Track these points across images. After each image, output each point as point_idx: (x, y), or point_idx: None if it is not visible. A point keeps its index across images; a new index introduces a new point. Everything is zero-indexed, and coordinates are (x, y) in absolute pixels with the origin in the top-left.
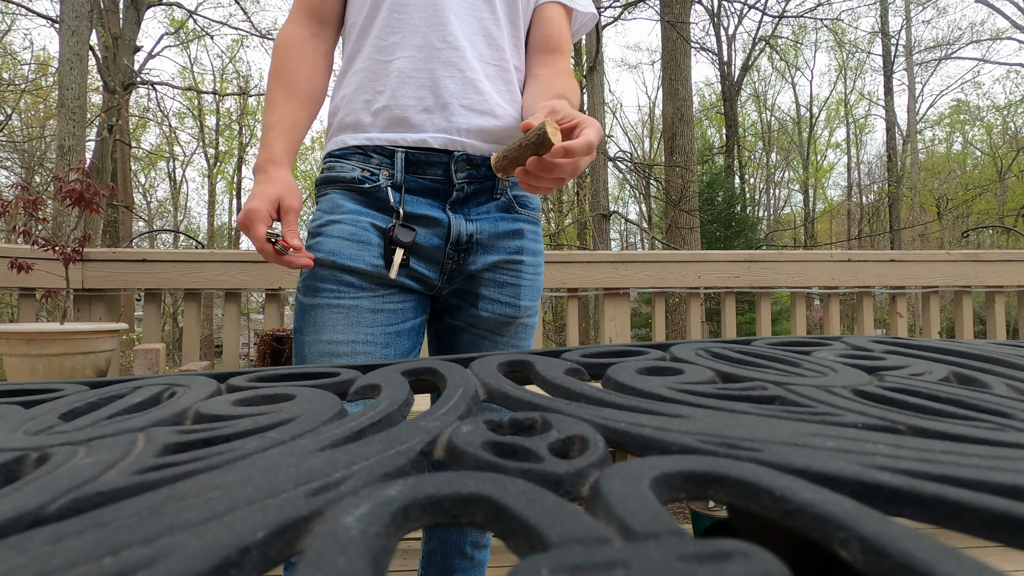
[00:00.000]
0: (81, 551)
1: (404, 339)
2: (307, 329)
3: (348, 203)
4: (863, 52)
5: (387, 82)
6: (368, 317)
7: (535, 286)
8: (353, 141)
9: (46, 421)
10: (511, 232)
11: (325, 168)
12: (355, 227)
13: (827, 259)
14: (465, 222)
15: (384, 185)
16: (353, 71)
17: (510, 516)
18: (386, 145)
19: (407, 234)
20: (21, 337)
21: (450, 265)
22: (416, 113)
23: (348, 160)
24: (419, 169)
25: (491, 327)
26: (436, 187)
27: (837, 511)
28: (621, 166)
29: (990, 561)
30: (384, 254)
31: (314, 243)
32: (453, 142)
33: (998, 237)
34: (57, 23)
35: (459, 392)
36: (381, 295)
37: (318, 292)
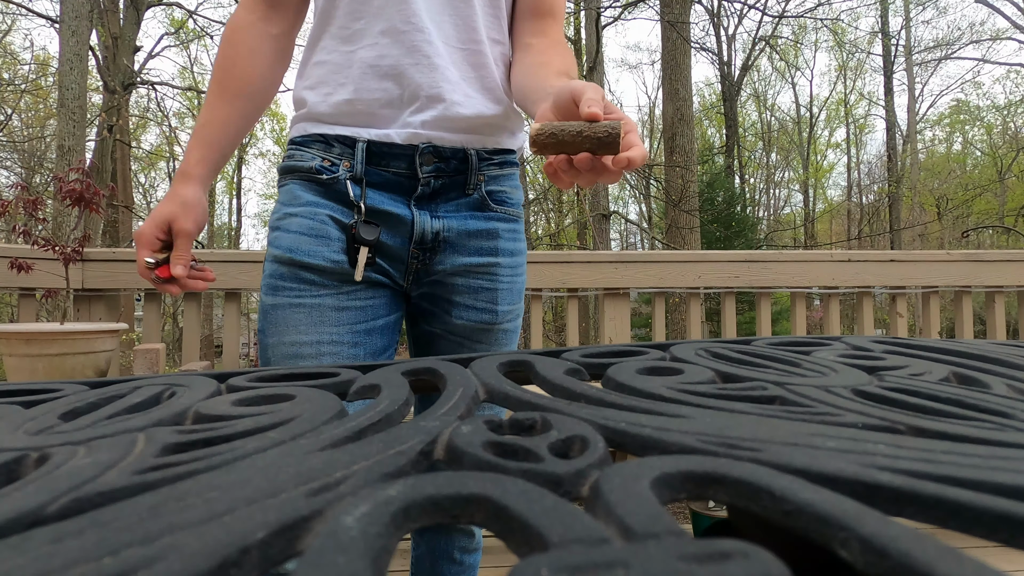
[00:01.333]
0: (81, 551)
1: (375, 337)
2: (270, 330)
3: (306, 194)
4: (863, 52)
5: (350, 74)
6: (332, 316)
7: (514, 289)
8: (314, 129)
9: (46, 421)
10: (483, 232)
11: (286, 156)
12: (312, 220)
13: (827, 259)
14: (431, 219)
15: (343, 177)
16: (315, 62)
17: (510, 516)
18: (348, 135)
19: (371, 231)
20: (21, 337)
21: (415, 265)
22: (380, 108)
23: (308, 148)
24: (381, 161)
25: (468, 335)
26: (400, 181)
27: (837, 511)
28: None
29: (990, 561)
30: (346, 249)
31: (273, 238)
32: (418, 136)
33: (998, 237)
34: (57, 23)
35: (459, 392)
36: (346, 292)
37: (278, 291)
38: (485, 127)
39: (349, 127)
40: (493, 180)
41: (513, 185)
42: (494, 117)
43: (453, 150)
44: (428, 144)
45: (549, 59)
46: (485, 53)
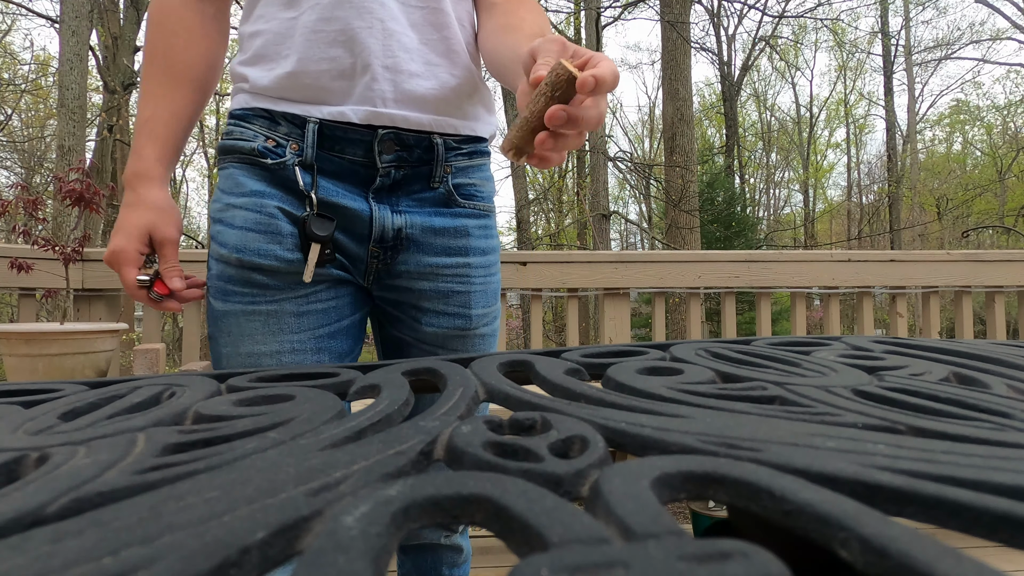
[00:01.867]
0: (81, 551)
1: (340, 340)
2: (222, 339)
3: (250, 181)
4: (863, 52)
5: (293, 43)
6: (292, 323)
7: (488, 290)
8: (257, 102)
9: (46, 421)
10: (451, 230)
11: (225, 132)
12: (259, 214)
13: (827, 259)
14: (391, 214)
15: (291, 163)
16: (251, 33)
17: (510, 516)
18: (297, 113)
19: (324, 226)
20: (21, 337)
21: (375, 265)
22: (331, 80)
23: (250, 124)
24: (335, 146)
25: (441, 342)
26: (355, 170)
27: (837, 511)
28: (621, 166)
29: (990, 561)
30: (301, 246)
31: (215, 232)
32: (378, 116)
33: (998, 237)
34: (57, 23)
35: (459, 392)
36: (304, 295)
37: (229, 295)
38: (452, 100)
39: (297, 104)
40: (461, 172)
41: (484, 177)
42: (461, 87)
43: (417, 137)
44: (389, 130)
45: (517, 19)
46: (447, 12)
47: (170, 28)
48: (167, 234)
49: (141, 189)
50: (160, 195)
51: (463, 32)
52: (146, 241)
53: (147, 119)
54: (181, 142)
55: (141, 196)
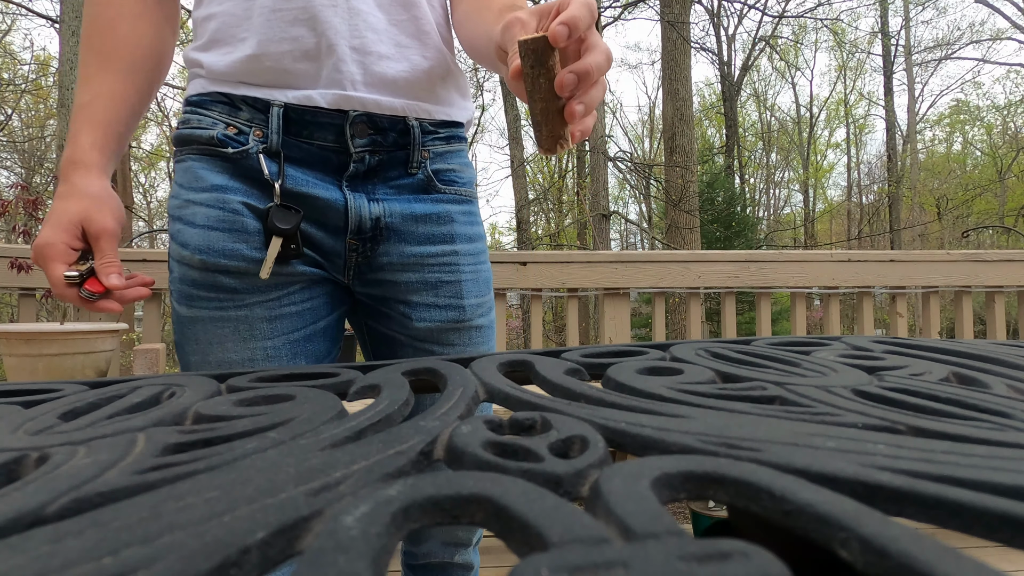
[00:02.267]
0: (81, 551)
1: (317, 343)
2: (190, 347)
3: (210, 175)
4: (863, 52)
5: (251, 25)
6: (264, 328)
7: (480, 278)
8: (215, 87)
9: (46, 421)
10: (433, 216)
11: (181, 121)
12: (222, 210)
13: (827, 259)
14: (368, 202)
15: (255, 150)
16: (205, 16)
17: (510, 516)
18: (260, 96)
19: (287, 218)
20: (21, 337)
21: (355, 259)
22: (294, 62)
23: (208, 110)
24: (303, 131)
25: (436, 338)
26: (327, 156)
27: (837, 511)
28: (621, 166)
29: (990, 561)
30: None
31: (175, 232)
32: (348, 99)
33: (998, 237)
34: (57, 23)
35: (459, 392)
36: (276, 297)
37: (194, 301)
38: (424, 84)
39: (260, 88)
40: (440, 157)
41: (463, 163)
42: (433, 70)
43: (391, 120)
44: (361, 112)
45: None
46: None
47: (108, 10)
48: (103, 225)
49: (75, 177)
50: (96, 183)
51: (433, 13)
52: (78, 234)
53: (83, 105)
54: (123, 131)
55: (74, 185)
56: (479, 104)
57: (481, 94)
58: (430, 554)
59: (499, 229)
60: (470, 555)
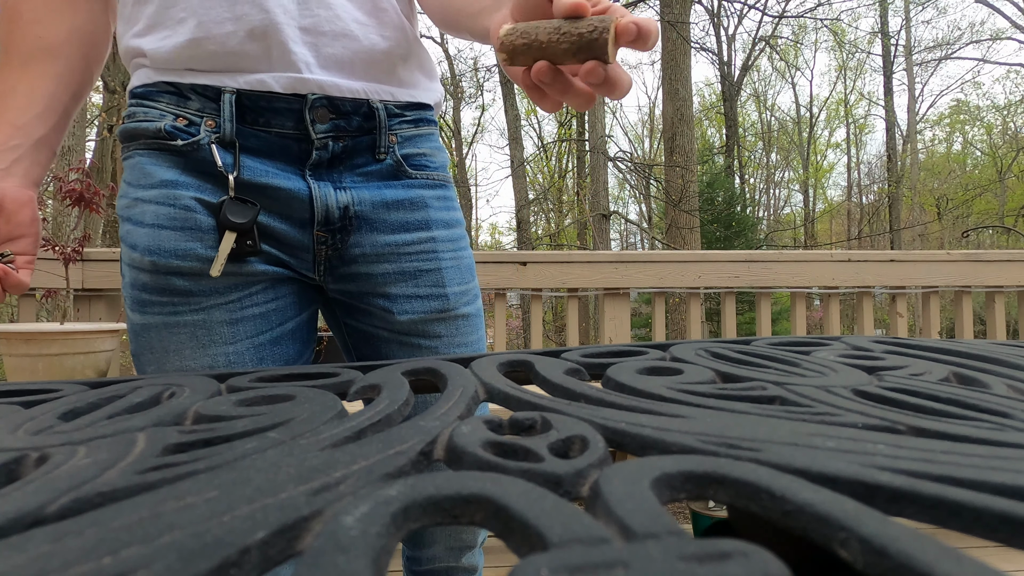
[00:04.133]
0: (81, 551)
1: (285, 345)
2: (145, 356)
3: (159, 170)
4: (863, 52)
5: (188, 4)
6: (224, 332)
7: (462, 264)
8: (160, 76)
9: (46, 421)
10: (406, 202)
11: (126, 115)
12: (173, 207)
13: (827, 259)
14: (335, 191)
15: (206, 141)
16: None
17: (510, 516)
18: (209, 83)
19: (242, 211)
20: (21, 337)
21: (325, 252)
22: (240, 43)
23: (154, 102)
24: (259, 118)
25: (420, 331)
26: (286, 144)
27: (837, 511)
28: (621, 166)
29: (990, 561)
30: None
31: (124, 233)
32: (304, 83)
33: (998, 237)
34: None
35: (459, 392)
36: (237, 299)
37: (146, 306)
38: (384, 64)
39: (208, 74)
40: (408, 141)
41: (434, 146)
42: (393, 49)
43: (354, 103)
44: (320, 96)
45: None
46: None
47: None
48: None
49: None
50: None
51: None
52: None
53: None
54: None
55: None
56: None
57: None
58: (435, 559)
59: (499, 229)
60: (475, 557)
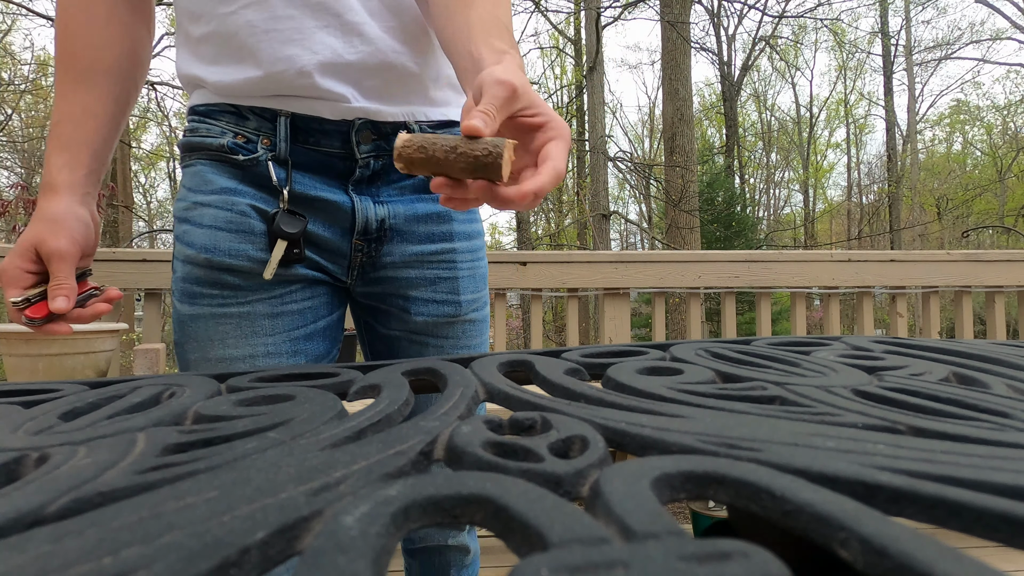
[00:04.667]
0: (81, 551)
1: (317, 342)
2: (190, 345)
3: (220, 178)
4: (863, 52)
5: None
6: (265, 324)
7: (476, 275)
8: (221, 97)
9: (46, 421)
10: (434, 216)
11: (188, 129)
12: (230, 212)
13: (827, 259)
14: (374, 205)
15: (264, 158)
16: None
17: (510, 516)
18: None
19: (294, 223)
20: (21, 337)
21: (360, 258)
22: (291, 80)
23: (216, 120)
24: (310, 138)
25: (431, 331)
26: (333, 162)
27: (837, 511)
28: (621, 166)
29: (990, 561)
30: (272, 245)
31: (181, 232)
32: (351, 110)
33: (998, 237)
34: None
35: (459, 392)
36: (279, 296)
37: (196, 298)
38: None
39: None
40: None
41: None
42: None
43: (394, 125)
44: (365, 120)
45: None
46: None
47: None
48: (54, 247)
49: (42, 202)
50: (58, 206)
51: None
52: (32, 257)
53: (52, 125)
54: (98, 143)
55: (39, 209)
56: None
57: None
58: (426, 537)
59: (499, 229)
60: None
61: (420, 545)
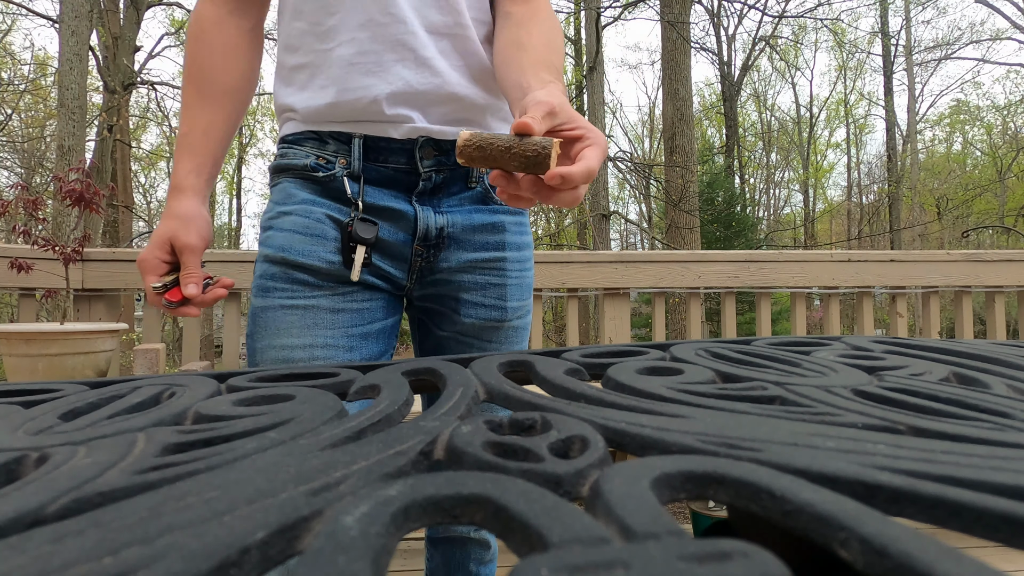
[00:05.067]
0: (81, 551)
1: (371, 343)
2: (259, 334)
3: (301, 192)
4: (863, 52)
5: (331, 74)
6: (327, 318)
7: (523, 284)
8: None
9: (46, 421)
10: (489, 226)
11: (278, 155)
12: (308, 219)
13: (827, 259)
14: (434, 214)
15: (340, 174)
16: (292, 66)
17: (510, 516)
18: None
19: (368, 229)
20: (21, 337)
21: (419, 263)
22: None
23: (302, 146)
24: (380, 156)
25: (477, 334)
26: (399, 177)
27: (837, 511)
28: (621, 166)
29: (990, 561)
30: (342, 249)
31: (265, 238)
32: (416, 131)
33: (998, 237)
34: (57, 23)
35: (459, 392)
36: (341, 293)
37: (269, 292)
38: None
39: (342, 124)
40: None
41: None
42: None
43: (451, 143)
44: (427, 138)
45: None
46: (471, 38)
47: (207, 43)
48: (186, 242)
49: (171, 201)
50: (187, 205)
51: (487, 55)
52: (167, 249)
53: (185, 133)
54: (218, 153)
55: (171, 207)
56: None
57: None
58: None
59: None
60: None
61: (443, 535)
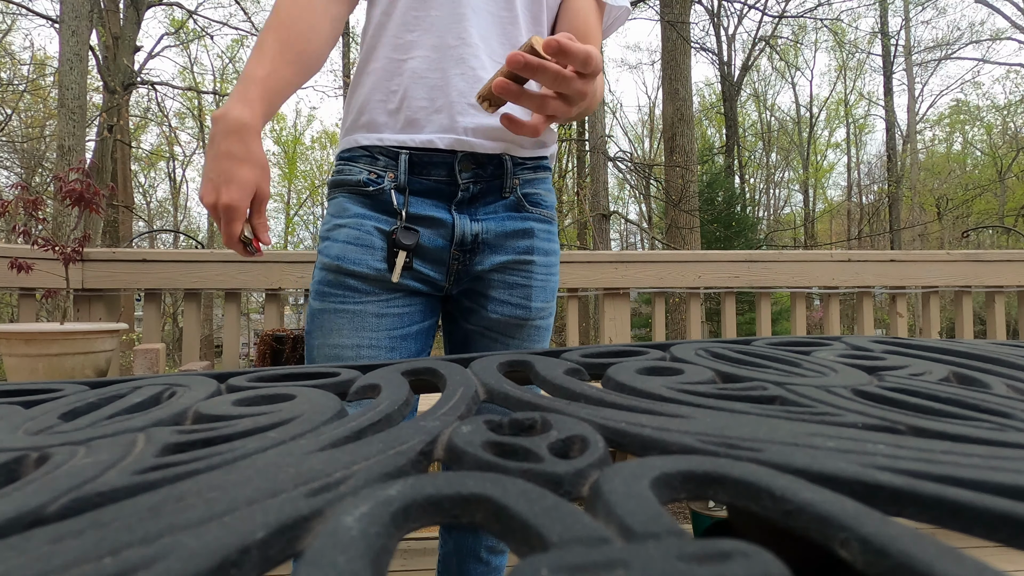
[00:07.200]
0: (81, 551)
1: (411, 343)
2: (316, 333)
3: (354, 206)
4: (863, 52)
5: (401, 82)
6: (372, 321)
7: (548, 287)
8: (364, 141)
9: (46, 421)
10: (520, 231)
11: (335, 171)
12: (359, 231)
13: (827, 259)
14: (470, 222)
15: (388, 188)
16: (370, 70)
17: (510, 516)
18: (392, 146)
19: (409, 236)
20: (21, 337)
21: (456, 266)
22: (425, 115)
23: (356, 163)
24: (423, 170)
25: (502, 329)
26: (440, 188)
27: (837, 511)
28: (621, 166)
29: (990, 561)
30: (387, 257)
31: (323, 247)
32: (459, 142)
33: (998, 237)
34: (57, 23)
35: (459, 392)
36: (385, 299)
37: (325, 297)
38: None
39: (396, 133)
40: (528, 183)
41: (547, 188)
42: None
43: (490, 157)
44: (468, 152)
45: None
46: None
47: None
48: (266, 191)
49: (251, 143)
50: (262, 152)
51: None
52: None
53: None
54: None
55: (251, 151)
56: None
57: None
58: None
59: None
60: None
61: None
